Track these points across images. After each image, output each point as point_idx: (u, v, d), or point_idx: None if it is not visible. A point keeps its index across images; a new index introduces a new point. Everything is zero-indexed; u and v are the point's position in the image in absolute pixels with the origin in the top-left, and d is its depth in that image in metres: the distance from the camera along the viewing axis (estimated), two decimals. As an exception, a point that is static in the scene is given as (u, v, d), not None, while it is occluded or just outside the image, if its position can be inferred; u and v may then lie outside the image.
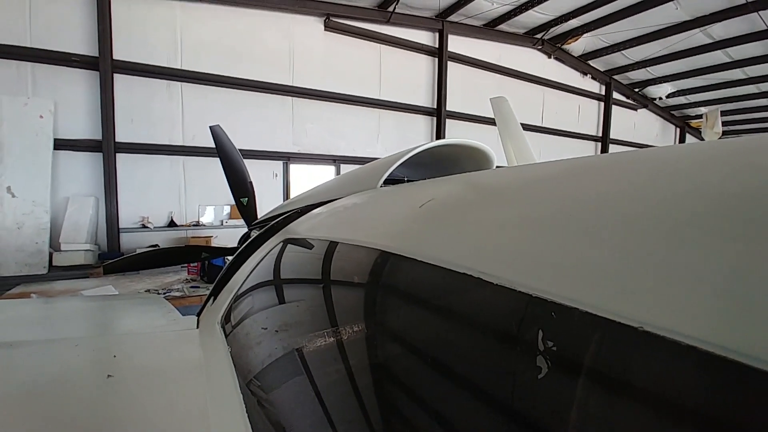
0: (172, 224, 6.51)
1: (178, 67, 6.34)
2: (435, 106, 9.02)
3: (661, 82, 12.18)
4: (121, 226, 6.11)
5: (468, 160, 1.72)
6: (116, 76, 5.91)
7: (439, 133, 9.01)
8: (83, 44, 5.71)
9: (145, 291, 4.85)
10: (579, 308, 0.33)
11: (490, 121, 6.00)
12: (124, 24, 5.93)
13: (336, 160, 7.98)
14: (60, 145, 5.60)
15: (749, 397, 0.24)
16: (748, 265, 0.28)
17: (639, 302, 0.30)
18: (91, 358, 0.89)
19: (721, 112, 11.68)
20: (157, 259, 2.91)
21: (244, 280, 1.12)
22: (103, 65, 5.75)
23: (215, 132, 2.85)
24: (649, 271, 0.32)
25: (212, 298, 1.31)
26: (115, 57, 5.85)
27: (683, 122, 14.95)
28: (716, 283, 0.28)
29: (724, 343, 0.25)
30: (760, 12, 7.84)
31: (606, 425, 0.30)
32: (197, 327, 1.14)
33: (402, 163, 1.46)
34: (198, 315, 1.28)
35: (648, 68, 11.30)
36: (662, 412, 0.28)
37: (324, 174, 7.95)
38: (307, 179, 7.62)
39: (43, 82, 5.55)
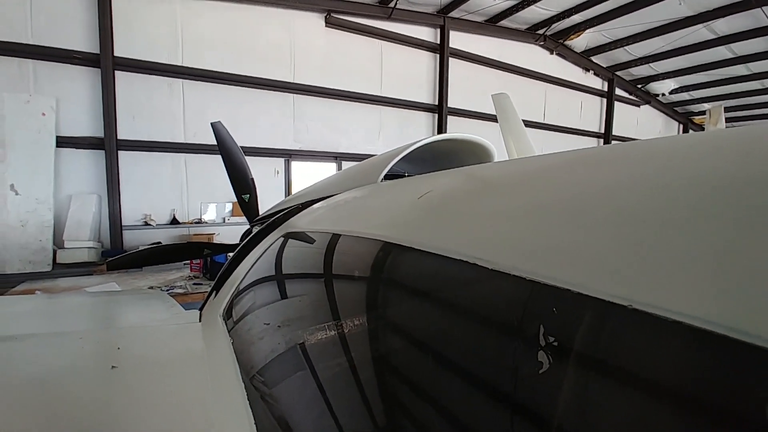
0: (174, 222, 6.54)
1: (179, 64, 6.35)
2: (436, 103, 9.00)
3: (664, 78, 12.11)
4: (123, 223, 6.14)
5: (468, 155, 1.73)
6: (117, 73, 5.92)
7: (441, 130, 8.99)
8: (84, 41, 5.71)
9: (149, 288, 4.88)
10: (574, 290, 0.34)
11: (492, 118, 5.99)
12: (125, 20, 5.94)
13: (337, 157, 7.99)
14: (62, 142, 5.62)
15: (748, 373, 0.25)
16: (739, 248, 0.28)
17: (630, 283, 0.31)
18: (95, 350, 0.90)
19: (725, 108, 11.60)
20: (159, 255, 2.92)
21: (246, 275, 1.13)
22: (105, 62, 5.75)
23: (216, 128, 2.85)
24: (641, 252, 0.33)
25: (214, 292, 1.32)
26: (116, 54, 5.86)
27: (686, 118, 14.87)
28: (711, 264, 0.29)
29: (720, 320, 0.25)
30: (763, 8, 7.77)
31: (609, 401, 0.31)
32: (200, 320, 1.15)
33: (402, 159, 1.46)
34: (200, 309, 1.29)
35: (651, 64, 11.23)
36: (663, 389, 0.28)
37: (326, 171, 7.96)
38: (309, 176, 7.63)
39: (44, 79, 5.56)
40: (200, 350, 0.90)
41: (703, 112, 13.03)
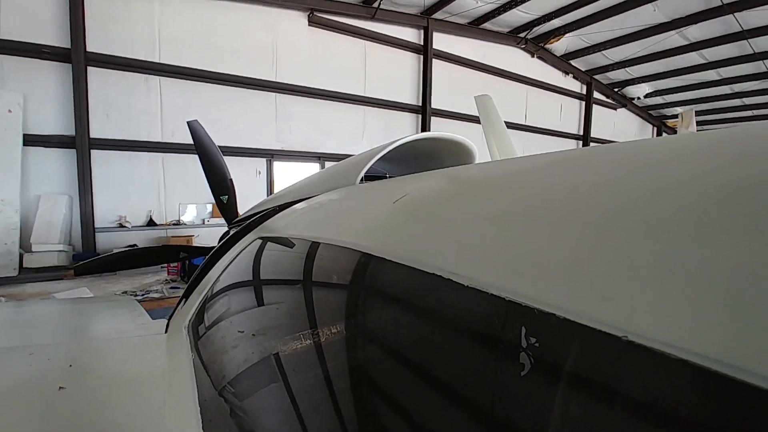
0: (151, 223, 6.32)
1: (157, 61, 6.14)
2: (420, 104, 9.01)
3: (639, 83, 12.50)
4: (96, 225, 5.90)
5: (449, 155, 1.71)
6: (90, 69, 5.68)
7: (424, 130, 9.01)
8: (55, 36, 5.46)
9: (122, 293, 4.70)
10: (557, 314, 0.30)
11: (475, 119, 6.02)
12: (99, 15, 5.71)
13: (321, 158, 7.90)
14: (30, 140, 5.36)
15: (736, 409, 0.22)
16: (739, 269, 0.25)
17: (622, 308, 0.28)
18: (44, 368, 0.82)
19: (696, 112, 12.05)
20: (132, 259, 2.80)
21: (214, 282, 1.06)
22: (76, 57, 5.52)
23: (193, 127, 2.76)
24: (633, 274, 0.29)
25: (184, 300, 1.25)
26: (89, 49, 5.63)
27: (660, 122, 15.38)
28: (703, 286, 0.26)
29: (708, 352, 0.23)
30: (735, 14, 8.08)
31: None
32: (166, 331, 1.08)
33: (383, 159, 1.43)
34: (168, 319, 1.22)
35: (627, 68, 11.57)
36: (641, 422, 0.26)
37: (309, 171, 7.86)
38: (292, 176, 7.51)
39: (12, 74, 5.29)
40: (159, 368, 0.83)
41: (675, 116, 13.50)
